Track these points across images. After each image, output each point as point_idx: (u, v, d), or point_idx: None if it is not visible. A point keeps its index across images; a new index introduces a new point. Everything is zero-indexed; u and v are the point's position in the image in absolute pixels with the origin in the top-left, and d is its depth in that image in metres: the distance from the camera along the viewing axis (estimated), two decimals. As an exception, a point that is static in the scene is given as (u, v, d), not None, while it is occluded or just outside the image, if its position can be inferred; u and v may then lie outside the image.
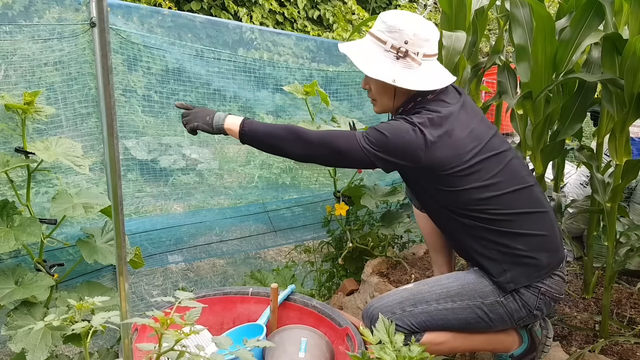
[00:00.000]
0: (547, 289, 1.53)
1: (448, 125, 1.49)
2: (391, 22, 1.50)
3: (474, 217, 1.52)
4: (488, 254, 1.53)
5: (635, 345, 1.84)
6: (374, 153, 1.46)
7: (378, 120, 2.77)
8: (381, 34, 1.52)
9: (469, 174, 1.48)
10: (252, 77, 2.31)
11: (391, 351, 1.15)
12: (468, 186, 1.49)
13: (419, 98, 1.56)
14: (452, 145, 1.47)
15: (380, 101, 1.62)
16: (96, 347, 1.92)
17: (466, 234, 1.56)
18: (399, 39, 1.50)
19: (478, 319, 1.52)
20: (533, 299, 1.53)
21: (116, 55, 1.92)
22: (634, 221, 2.34)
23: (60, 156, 1.53)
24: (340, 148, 1.49)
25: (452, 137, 1.48)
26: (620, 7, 1.80)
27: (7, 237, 1.48)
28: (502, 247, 1.51)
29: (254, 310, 1.83)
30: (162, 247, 2.34)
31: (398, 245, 2.73)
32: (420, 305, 1.51)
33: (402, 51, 1.50)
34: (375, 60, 1.52)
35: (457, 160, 1.47)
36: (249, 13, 6.16)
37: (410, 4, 7.27)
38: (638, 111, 1.73)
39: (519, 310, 1.53)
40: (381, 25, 1.52)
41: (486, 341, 1.62)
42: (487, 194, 1.49)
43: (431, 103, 1.54)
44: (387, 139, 1.45)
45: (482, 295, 1.52)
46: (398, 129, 1.46)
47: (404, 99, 1.58)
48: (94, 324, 0.99)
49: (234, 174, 2.46)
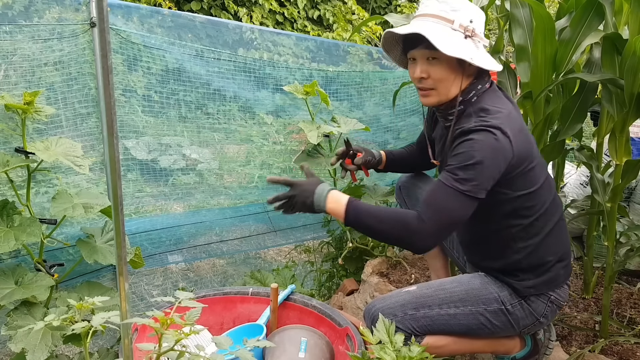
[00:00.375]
0: (556, 297, 1.52)
1: (518, 118, 1.43)
2: (453, 2, 1.41)
3: (516, 225, 1.46)
4: (516, 265, 1.49)
5: (635, 345, 1.84)
6: (476, 189, 1.33)
7: (379, 120, 2.77)
8: (445, 13, 1.40)
9: (531, 176, 1.42)
10: (252, 77, 2.31)
11: (391, 351, 1.15)
12: (526, 191, 1.42)
13: (479, 86, 1.46)
14: (526, 140, 1.42)
15: (442, 89, 1.45)
16: (96, 347, 1.92)
17: (501, 244, 1.50)
18: (465, 17, 1.40)
19: (480, 325, 1.50)
20: (542, 307, 1.51)
21: (116, 55, 1.92)
22: (634, 221, 2.34)
23: (60, 156, 1.53)
24: (453, 216, 1.36)
25: (522, 131, 1.42)
26: (620, 7, 1.80)
27: (7, 237, 1.48)
28: (534, 258, 1.48)
29: (254, 310, 1.83)
30: (162, 247, 2.34)
31: (398, 245, 2.73)
32: (422, 310, 1.48)
33: (470, 29, 1.40)
34: (447, 39, 1.37)
35: (530, 156, 1.41)
36: (249, 13, 6.16)
37: (410, 4, 7.27)
38: (638, 111, 1.73)
39: (525, 318, 1.51)
40: (442, 5, 1.41)
41: (487, 345, 1.60)
42: (533, 201, 1.45)
43: (491, 94, 1.46)
44: (482, 164, 1.32)
45: (485, 302, 1.50)
46: (484, 146, 1.32)
47: (465, 85, 1.46)
48: (94, 324, 0.99)
49: (234, 174, 2.46)
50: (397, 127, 2.87)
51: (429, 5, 1.44)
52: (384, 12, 7.44)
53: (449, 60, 1.40)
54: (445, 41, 1.36)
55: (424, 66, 1.45)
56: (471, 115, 1.43)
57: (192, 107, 2.20)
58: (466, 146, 1.34)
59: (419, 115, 2.92)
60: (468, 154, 1.33)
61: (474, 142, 1.33)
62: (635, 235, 2.01)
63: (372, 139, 2.77)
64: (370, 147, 1.98)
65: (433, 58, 1.42)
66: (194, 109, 2.21)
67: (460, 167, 1.33)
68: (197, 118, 2.22)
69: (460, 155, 1.35)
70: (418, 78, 1.46)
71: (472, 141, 1.34)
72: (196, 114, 2.22)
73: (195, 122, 2.22)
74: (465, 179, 1.32)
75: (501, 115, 1.38)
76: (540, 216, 1.46)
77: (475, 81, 1.46)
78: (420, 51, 1.44)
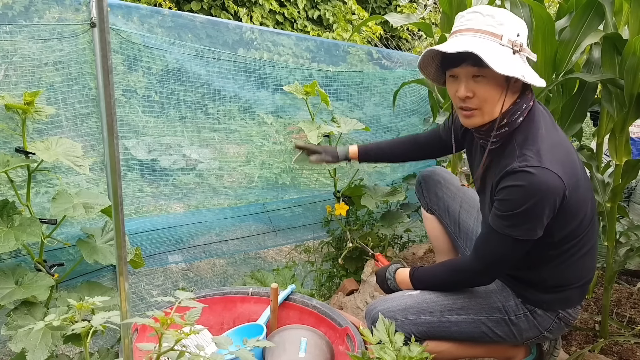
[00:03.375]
0: (565, 315, 1.48)
1: (560, 139, 1.36)
2: (499, 16, 1.32)
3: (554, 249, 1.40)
4: (541, 283, 1.45)
5: (635, 345, 1.84)
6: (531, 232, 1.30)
7: (379, 120, 2.77)
8: (493, 28, 1.31)
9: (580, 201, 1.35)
10: (252, 77, 2.31)
11: (391, 351, 1.15)
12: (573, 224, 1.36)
13: (524, 105, 1.37)
14: (572, 166, 1.34)
15: (486, 109, 1.36)
16: (96, 347, 1.92)
17: (533, 264, 1.44)
18: (512, 31, 1.31)
19: (482, 334, 1.48)
20: (548, 322, 1.47)
21: (116, 55, 1.92)
22: (634, 221, 2.34)
23: (60, 156, 1.53)
24: (508, 260, 1.37)
25: (568, 155, 1.35)
26: (620, 7, 1.80)
27: (7, 237, 1.48)
28: (560, 279, 1.44)
29: (254, 310, 1.83)
30: (162, 247, 2.34)
31: (398, 245, 2.74)
32: (423, 315, 1.47)
33: (517, 44, 1.31)
34: (497, 56, 1.28)
35: (577, 181, 1.34)
36: (249, 13, 6.16)
37: (410, 4, 7.27)
38: (638, 111, 1.73)
39: (529, 330, 1.48)
40: (488, 19, 1.32)
41: (489, 351, 1.59)
42: (579, 230, 1.39)
43: (534, 115, 1.37)
44: (535, 210, 1.27)
45: (488, 310, 1.47)
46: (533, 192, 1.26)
47: (510, 104, 1.36)
48: (94, 324, 0.99)
49: (234, 174, 2.46)
50: (397, 127, 2.87)
51: (473, 19, 1.34)
52: (384, 12, 7.44)
53: (497, 77, 1.31)
54: (497, 59, 1.26)
55: (470, 84, 1.35)
56: (515, 149, 1.34)
57: (192, 107, 2.20)
58: (514, 193, 1.28)
59: (418, 115, 2.92)
60: (517, 202, 1.27)
61: (522, 188, 1.27)
62: (635, 235, 2.01)
63: (372, 138, 2.77)
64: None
65: (479, 76, 1.33)
66: (194, 109, 2.21)
67: (512, 215, 1.29)
68: (197, 118, 2.22)
69: (509, 203, 1.29)
70: (462, 97, 1.36)
71: (520, 188, 1.27)
72: (196, 114, 2.22)
73: (196, 122, 2.22)
74: (517, 226, 1.29)
75: (545, 147, 1.30)
76: (578, 242, 1.40)
77: (520, 100, 1.37)
78: (465, 69, 1.34)
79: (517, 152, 1.32)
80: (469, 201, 1.83)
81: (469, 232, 1.79)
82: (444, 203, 1.87)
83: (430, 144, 1.89)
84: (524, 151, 1.31)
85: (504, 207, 1.31)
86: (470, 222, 1.80)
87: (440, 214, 1.90)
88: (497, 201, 1.34)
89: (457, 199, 1.85)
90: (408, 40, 7.33)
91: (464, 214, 1.83)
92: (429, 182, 1.92)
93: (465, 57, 1.30)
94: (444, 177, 1.91)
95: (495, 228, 1.34)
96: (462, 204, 1.84)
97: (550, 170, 1.26)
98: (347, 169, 2.55)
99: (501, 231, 1.32)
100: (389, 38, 7.22)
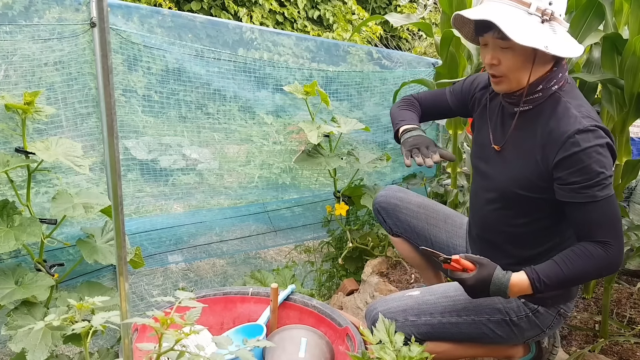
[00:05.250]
0: (565, 309, 1.49)
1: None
2: None
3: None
4: None
5: (635, 345, 1.84)
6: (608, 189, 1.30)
7: (379, 120, 2.77)
8: None
9: None
10: (252, 77, 2.31)
11: (391, 351, 1.15)
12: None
13: (560, 74, 1.37)
14: None
15: (513, 77, 1.37)
16: (96, 347, 1.92)
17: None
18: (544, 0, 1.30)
19: (483, 335, 1.48)
20: (549, 319, 1.48)
21: (116, 55, 1.92)
22: (634, 221, 2.33)
23: (60, 156, 1.53)
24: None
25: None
26: (620, 7, 1.80)
27: (7, 237, 1.48)
28: None
29: (254, 310, 1.83)
30: (162, 247, 2.34)
31: (398, 245, 2.73)
32: (423, 317, 1.47)
33: (548, 13, 1.29)
34: (520, 24, 1.27)
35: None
36: (249, 13, 6.16)
37: (410, 4, 7.27)
38: (638, 111, 1.73)
39: (530, 329, 1.48)
40: None
41: (489, 350, 1.58)
42: None
43: (574, 87, 1.40)
44: (607, 167, 1.29)
45: (489, 312, 1.47)
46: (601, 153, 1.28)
47: (540, 74, 1.36)
48: (94, 324, 0.99)
49: (234, 174, 2.46)
50: (397, 127, 2.87)
51: None
52: (384, 12, 7.44)
53: (523, 47, 1.29)
54: (519, 29, 1.26)
55: (497, 52, 1.36)
56: (569, 109, 1.34)
57: (192, 107, 2.20)
58: (587, 158, 1.28)
59: (419, 115, 2.92)
60: (593, 168, 1.27)
61: (592, 151, 1.28)
62: (635, 235, 2.01)
63: (372, 139, 2.77)
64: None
65: (506, 46, 1.33)
66: (194, 109, 2.21)
67: (598, 181, 1.28)
68: (197, 118, 2.22)
69: (588, 170, 1.28)
70: (489, 64, 1.38)
71: (591, 150, 1.28)
72: (196, 114, 2.22)
73: (195, 122, 2.23)
74: (606, 184, 1.29)
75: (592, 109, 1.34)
76: None
77: (556, 69, 1.37)
78: (493, 39, 1.35)
79: (573, 112, 1.33)
80: (433, 214, 1.80)
81: (443, 246, 1.76)
82: (409, 225, 1.82)
83: (430, 108, 1.81)
84: (581, 110, 1.33)
85: (585, 175, 1.28)
86: (442, 235, 1.78)
87: (408, 236, 1.84)
88: (577, 171, 1.29)
89: (420, 216, 1.81)
90: (408, 40, 7.34)
91: (433, 230, 1.79)
92: (387, 207, 1.85)
93: (492, 26, 1.30)
94: (400, 197, 1.85)
95: (596, 198, 1.29)
96: (427, 220, 1.80)
97: (605, 130, 1.31)
98: (347, 169, 2.55)
99: (603, 195, 1.29)
100: (389, 38, 7.23)
